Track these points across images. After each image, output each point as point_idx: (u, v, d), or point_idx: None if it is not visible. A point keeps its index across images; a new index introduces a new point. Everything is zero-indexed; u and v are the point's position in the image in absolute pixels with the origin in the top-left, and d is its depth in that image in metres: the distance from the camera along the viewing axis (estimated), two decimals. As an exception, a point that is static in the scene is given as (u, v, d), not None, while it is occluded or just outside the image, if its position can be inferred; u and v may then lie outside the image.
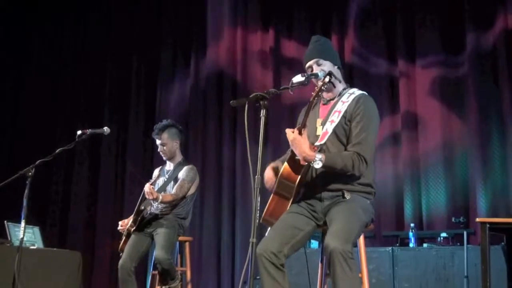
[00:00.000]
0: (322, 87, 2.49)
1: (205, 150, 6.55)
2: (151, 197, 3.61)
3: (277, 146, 5.51)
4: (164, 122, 4.06)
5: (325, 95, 2.71)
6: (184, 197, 3.85)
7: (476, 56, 4.91)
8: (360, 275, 2.46)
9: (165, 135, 3.96)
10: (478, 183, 4.65)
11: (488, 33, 4.90)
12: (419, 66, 5.23)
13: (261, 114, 2.35)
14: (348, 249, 2.27)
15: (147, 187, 3.64)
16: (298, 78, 2.51)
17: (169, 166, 4.04)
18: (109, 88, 7.48)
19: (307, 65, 2.71)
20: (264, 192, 2.53)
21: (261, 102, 2.36)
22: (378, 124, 2.65)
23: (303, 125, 2.50)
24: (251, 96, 2.38)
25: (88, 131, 3.66)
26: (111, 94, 7.45)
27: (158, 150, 4.02)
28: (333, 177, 2.52)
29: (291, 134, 2.47)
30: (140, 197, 3.79)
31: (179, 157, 4.04)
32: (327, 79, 2.49)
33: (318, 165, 2.40)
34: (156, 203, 3.76)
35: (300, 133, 2.47)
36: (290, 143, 2.48)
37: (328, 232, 2.36)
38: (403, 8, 5.38)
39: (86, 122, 6.99)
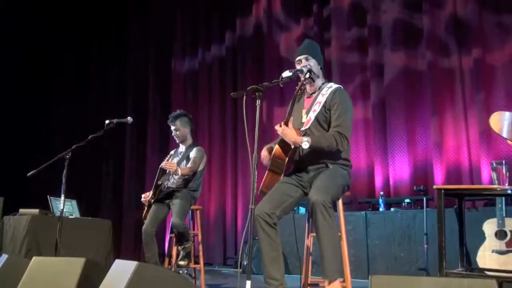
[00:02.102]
0: (304, 81, 2.55)
1: (211, 134, 6.57)
2: (173, 169, 3.61)
3: (269, 128, 5.56)
4: (178, 111, 4.03)
5: (308, 89, 2.74)
6: (195, 172, 3.85)
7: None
8: (339, 233, 2.47)
9: (178, 122, 3.94)
10: (435, 158, 4.66)
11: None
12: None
13: (257, 103, 2.35)
14: (328, 200, 2.29)
15: (166, 164, 3.65)
16: (286, 73, 2.55)
17: (182, 148, 4.02)
18: (132, 84, 7.50)
19: (299, 58, 2.72)
20: (260, 167, 2.54)
21: (256, 94, 2.36)
22: (352, 111, 2.66)
23: (288, 118, 2.54)
24: (248, 88, 2.38)
25: (115, 120, 3.62)
26: (134, 89, 7.46)
27: (172, 134, 4.00)
28: (316, 153, 2.54)
29: (279, 128, 2.50)
30: (157, 174, 3.79)
31: (189, 140, 4.02)
32: (307, 75, 2.55)
33: (306, 145, 2.43)
34: (176, 177, 3.76)
35: (286, 125, 2.49)
36: (280, 135, 2.51)
37: (311, 189, 2.39)
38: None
39: (113, 113, 7.03)
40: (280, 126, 2.50)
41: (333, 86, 2.68)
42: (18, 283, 2.45)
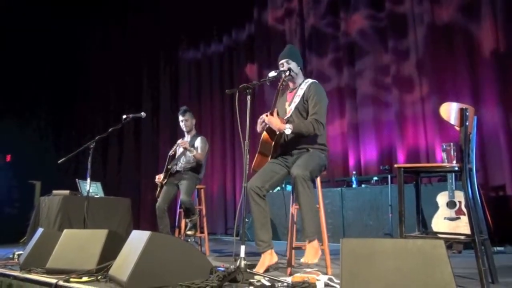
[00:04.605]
0: (285, 79, 2.55)
1: (213, 125, 6.56)
2: (188, 147, 3.66)
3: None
4: (185, 107, 4.04)
5: (291, 85, 2.74)
6: (200, 158, 3.87)
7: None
8: (317, 205, 2.49)
9: (187, 115, 3.95)
10: (398, 143, 4.69)
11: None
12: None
13: (247, 99, 2.36)
14: (307, 174, 2.30)
15: (182, 143, 3.73)
16: (272, 74, 2.58)
17: (187, 137, 4.03)
18: (146, 83, 7.44)
19: (280, 62, 2.71)
20: (252, 152, 2.56)
21: (247, 91, 2.37)
22: (326, 101, 2.64)
23: (273, 109, 2.55)
24: (240, 87, 2.39)
25: (131, 115, 3.61)
26: (148, 88, 7.41)
27: (181, 125, 4.00)
28: (298, 139, 2.55)
29: (266, 117, 2.52)
30: (167, 160, 3.79)
31: (194, 131, 4.03)
32: (287, 73, 2.57)
33: (288, 131, 2.45)
34: (191, 154, 3.75)
35: (272, 115, 2.51)
36: (267, 123, 2.52)
37: (293, 166, 2.41)
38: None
39: (130, 108, 7.01)
40: (267, 116, 2.51)
41: (309, 81, 2.69)
42: (52, 251, 2.47)
